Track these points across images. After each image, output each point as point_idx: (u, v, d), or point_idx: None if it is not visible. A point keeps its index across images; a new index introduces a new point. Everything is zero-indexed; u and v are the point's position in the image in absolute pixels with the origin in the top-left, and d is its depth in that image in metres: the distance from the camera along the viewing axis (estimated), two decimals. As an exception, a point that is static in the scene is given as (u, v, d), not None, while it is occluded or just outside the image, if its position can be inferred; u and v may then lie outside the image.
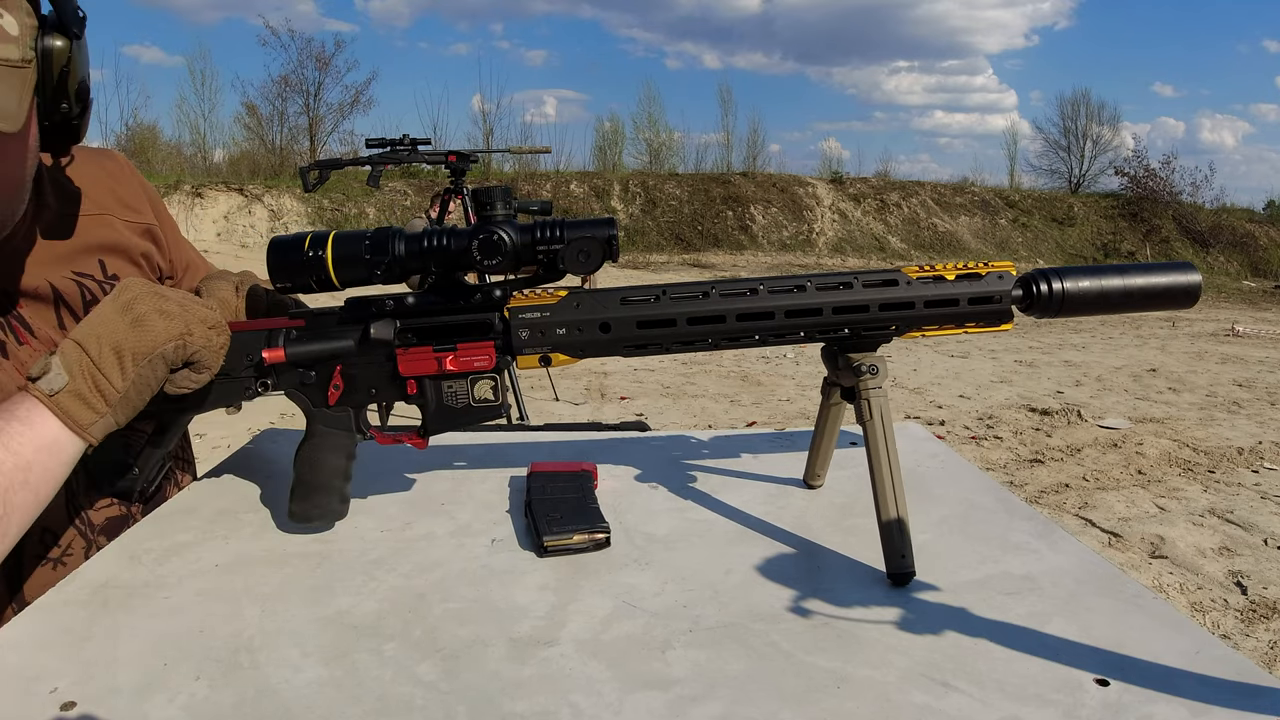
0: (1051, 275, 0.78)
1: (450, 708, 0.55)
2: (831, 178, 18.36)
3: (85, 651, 0.61)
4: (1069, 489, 3.69)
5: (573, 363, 0.81)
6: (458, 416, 0.82)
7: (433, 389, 0.81)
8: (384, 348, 0.80)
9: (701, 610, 0.68)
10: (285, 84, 18.51)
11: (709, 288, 0.79)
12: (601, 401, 5.15)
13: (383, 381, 0.82)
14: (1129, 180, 18.38)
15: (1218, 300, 12.94)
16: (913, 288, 0.78)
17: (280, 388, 0.82)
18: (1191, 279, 0.78)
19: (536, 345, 0.79)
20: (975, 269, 0.79)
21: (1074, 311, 0.79)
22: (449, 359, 0.80)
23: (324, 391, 0.82)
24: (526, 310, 0.79)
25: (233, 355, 0.80)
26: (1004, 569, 0.76)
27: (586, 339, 0.79)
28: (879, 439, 0.75)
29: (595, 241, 0.76)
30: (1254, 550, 3.04)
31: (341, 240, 0.77)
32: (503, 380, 0.82)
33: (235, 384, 0.82)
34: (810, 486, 0.94)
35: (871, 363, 0.78)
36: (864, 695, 0.57)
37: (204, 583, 0.72)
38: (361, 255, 0.77)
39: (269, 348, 0.80)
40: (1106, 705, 0.56)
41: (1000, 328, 0.81)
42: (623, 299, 0.79)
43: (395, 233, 0.77)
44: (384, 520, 0.85)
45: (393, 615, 0.67)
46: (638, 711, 0.55)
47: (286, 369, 0.82)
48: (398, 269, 0.77)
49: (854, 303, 0.78)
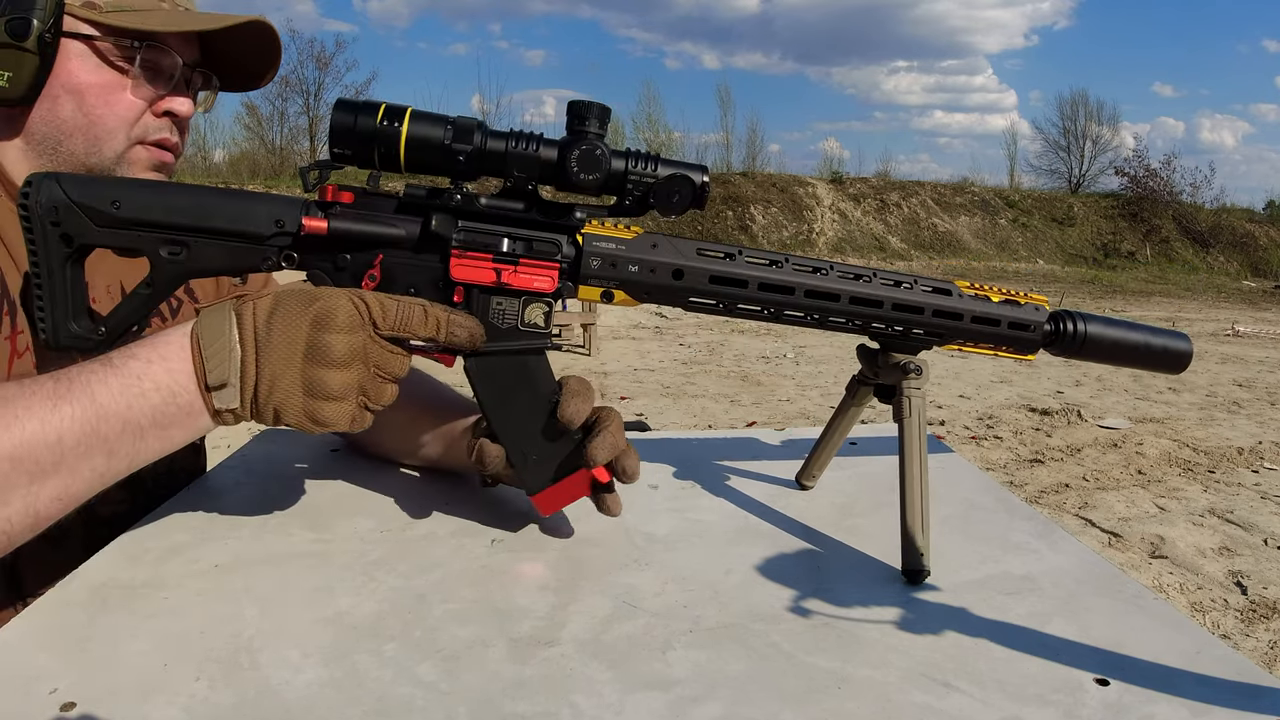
0: (1079, 318, 0.82)
1: (450, 708, 0.55)
2: (831, 178, 18.36)
3: (85, 652, 0.61)
4: (1069, 489, 3.69)
5: (632, 304, 0.78)
6: (501, 337, 0.76)
7: (480, 302, 0.75)
8: (440, 246, 0.74)
9: (702, 610, 0.68)
10: (285, 84, 18.54)
11: (782, 258, 0.78)
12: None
13: (425, 283, 0.75)
14: (1129, 180, 18.40)
15: (1218, 300, 12.94)
16: (964, 301, 0.80)
17: (305, 267, 0.74)
18: (1186, 348, 0.85)
19: (605, 278, 0.76)
20: (1016, 297, 0.81)
21: (1089, 355, 0.83)
22: (508, 272, 0.74)
23: (357, 280, 0.74)
24: (602, 240, 0.75)
25: (259, 217, 0.72)
26: (1004, 569, 0.76)
27: (656, 282, 0.76)
28: (914, 437, 0.76)
29: (689, 183, 0.73)
30: (1254, 550, 3.04)
31: (420, 118, 0.70)
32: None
33: (254, 251, 0.73)
34: (803, 487, 0.94)
35: (917, 363, 0.79)
36: (864, 695, 0.57)
37: (204, 583, 0.72)
38: (440, 139, 0.70)
39: (309, 215, 0.72)
40: (1107, 705, 0.56)
41: (1026, 357, 0.84)
42: (699, 249, 0.77)
43: (480, 123, 0.71)
44: (384, 520, 0.85)
45: (393, 616, 0.67)
46: (638, 712, 0.55)
47: (322, 246, 0.73)
48: (476, 162, 0.71)
49: (913, 303, 0.79)
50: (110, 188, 0.72)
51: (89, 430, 0.62)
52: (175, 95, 0.90)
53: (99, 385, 0.63)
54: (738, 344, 7.59)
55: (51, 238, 0.71)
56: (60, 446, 0.61)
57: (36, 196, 0.70)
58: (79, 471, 0.62)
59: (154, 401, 0.64)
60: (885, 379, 0.82)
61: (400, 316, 0.68)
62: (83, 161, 0.86)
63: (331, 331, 0.66)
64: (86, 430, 0.62)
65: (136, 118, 0.88)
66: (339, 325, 0.66)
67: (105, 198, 0.71)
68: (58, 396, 0.62)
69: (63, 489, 0.62)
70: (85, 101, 0.84)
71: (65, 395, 0.62)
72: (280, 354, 0.66)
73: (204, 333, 0.66)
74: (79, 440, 0.61)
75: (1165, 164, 18.44)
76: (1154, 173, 18.17)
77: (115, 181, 0.76)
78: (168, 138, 0.91)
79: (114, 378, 0.64)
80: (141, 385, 0.64)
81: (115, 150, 0.87)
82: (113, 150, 0.87)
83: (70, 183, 0.71)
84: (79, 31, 0.83)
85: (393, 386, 0.71)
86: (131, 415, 0.63)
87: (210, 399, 0.66)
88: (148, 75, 0.87)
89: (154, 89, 0.88)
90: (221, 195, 0.76)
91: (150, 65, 0.87)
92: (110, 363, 0.65)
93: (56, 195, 0.71)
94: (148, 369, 0.65)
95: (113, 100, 0.86)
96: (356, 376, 0.68)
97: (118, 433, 0.63)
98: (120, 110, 0.86)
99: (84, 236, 0.71)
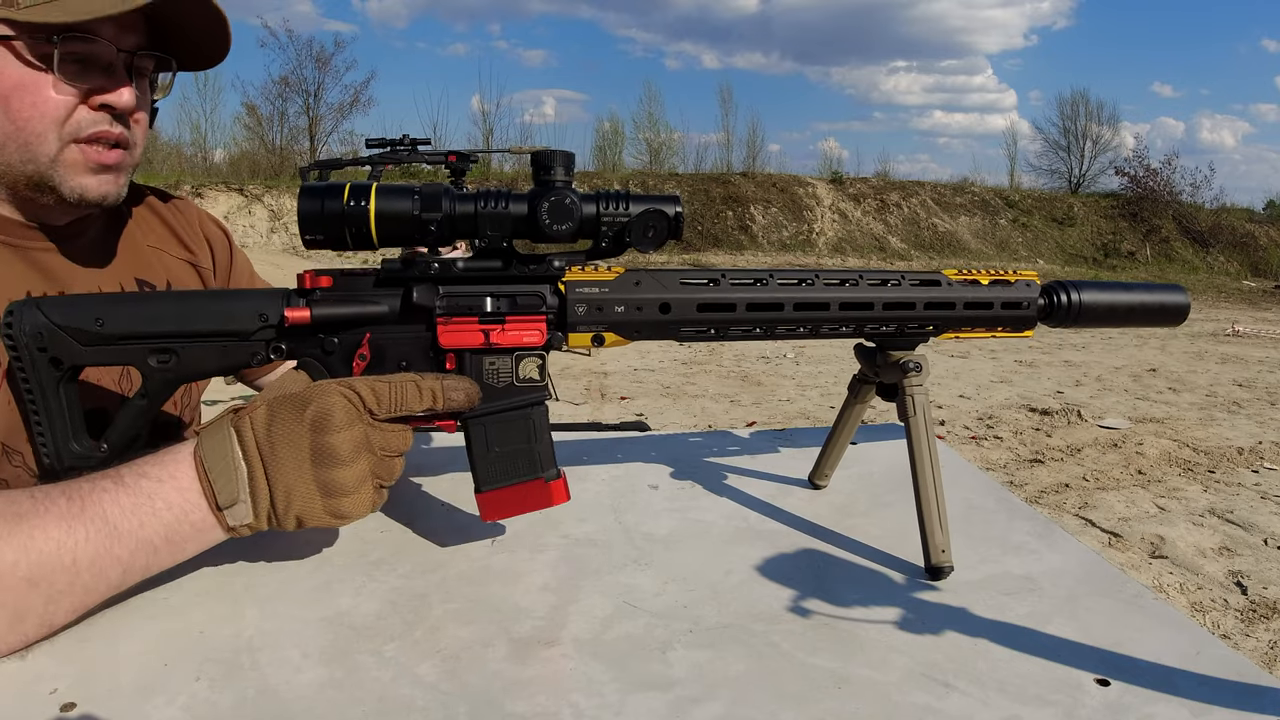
0: (1070, 287, 0.81)
1: (451, 708, 0.55)
2: (831, 178, 18.35)
3: (85, 652, 0.61)
4: (1069, 489, 3.69)
5: (623, 344, 0.78)
6: (499, 395, 0.75)
7: (473, 365, 0.75)
8: (424, 316, 0.74)
9: (702, 610, 0.68)
10: (285, 84, 18.54)
11: (766, 275, 0.78)
12: (601, 401, 5.15)
13: (417, 354, 0.75)
14: (1129, 180, 18.38)
15: (1218, 300, 12.94)
16: (954, 289, 0.80)
17: (295, 355, 0.74)
18: (1182, 299, 0.85)
19: (592, 323, 0.76)
20: (1005, 276, 0.81)
21: (1086, 323, 0.83)
22: (496, 332, 0.74)
23: (348, 363, 0.74)
24: (585, 285, 0.75)
25: (243, 314, 0.73)
26: (1004, 569, 0.76)
27: (645, 318, 0.76)
28: (921, 435, 0.76)
29: (664, 217, 0.73)
30: (1254, 550, 3.04)
31: (386, 192, 0.70)
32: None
33: (242, 348, 0.73)
34: (816, 486, 0.95)
35: (916, 360, 0.79)
36: (865, 695, 0.57)
37: (204, 583, 0.72)
38: (409, 211, 0.70)
39: (291, 306, 0.72)
40: (1107, 705, 0.56)
41: (1024, 334, 0.84)
42: (682, 280, 0.76)
43: (445, 189, 0.71)
44: (384, 520, 0.85)
45: (393, 616, 0.67)
46: (639, 712, 0.55)
47: (308, 333, 0.73)
48: (447, 228, 0.71)
49: (904, 299, 0.79)
50: (92, 305, 0.72)
51: (103, 551, 0.62)
52: (112, 86, 0.81)
53: (111, 505, 0.63)
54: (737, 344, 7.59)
55: (40, 363, 0.71)
56: (75, 568, 0.61)
57: (20, 325, 0.70)
58: (94, 589, 0.63)
59: (166, 520, 0.64)
60: (886, 378, 0.82)
61: (394, 399, 0.69)
62: (21, 172, 0.81)
63: (331, 432, 0.66)
64: (100, 551, 0.62)
65: (65, 115, 0.80)
66: (338, 424, 0.66)
67: (88, 316, 0.71)
68: (71, 517, 0.61)
69: (78, 604, 0.63)
70: (10, 106, 0.78)
71: (79, 516, 0.62)
72: (289, 465, 0.66)
73: (207, 455, 0.65)
74: (93, 561, 0.62)
75: (1165, 164, 18.44)
76: (1154, 173, 18.16)
77: (97, 299, 0.74)
78: (106, 130, 0.82)
79: (126, 496, 0.64)
80: (154, 504, 0.64)
81: (48, 154, 0.80)
82: (45, 154, 0.80)
83: (51, 306, 0.71)
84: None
85: (400, 460, 0.71)
86: (144, 533, 0.64)
87: (223, 517, 0.66)
88: (77, 69, 0.79)
89: (85, 83, 0.80)
90: (203, 298, 0.77)
91: (77, 57, 0.79)
92: (121, 480, 0.64)
93: (39, 321, 0.70)
94: (159, 488, 0.65)
95: (38, 100, 0.78)
96: (366, 466, 0.68)
97: (131, 551, 0.63)
98: (46, 110, 0.79)
99: (73, 358, 0.71)
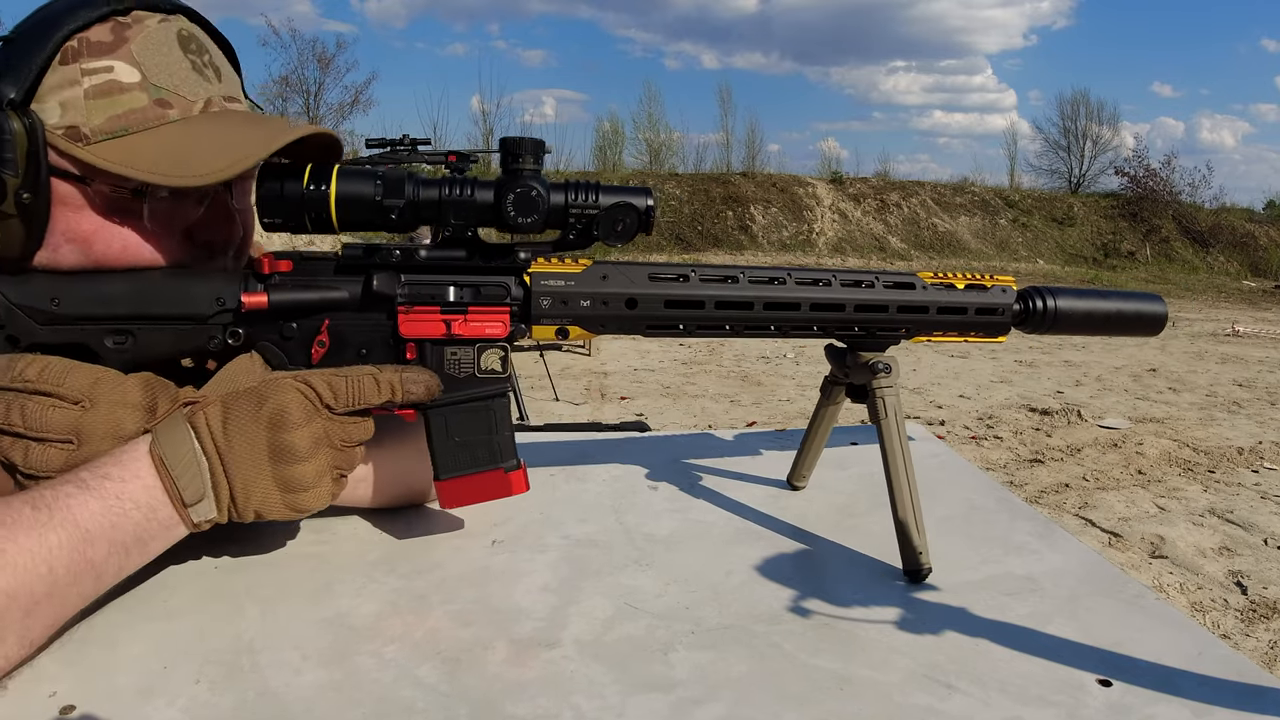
0: (1047, 293, 0.81)
1: (451, 710, 0.55)
2: (831, 178, 18.36)
3: (84, 654, 0.61)
4: (1069, 489, 3.69)
5: (588, 337, 0.77)
6: (459, 386, 0.75)
7: (434, 355, 0.74)
8: (385, 304, 0.73)
9: (703, 611, 0.68)
10: (286, 84, 18.55)
11: (737, 273, 0.77)
12: (601, 401, 5.14)
13: (377, 342, 0.74)
14: (1129, 180, 18.39)
15: (1218, 300, 12.94)
16: (928, 292, 0.79)
17: (252, 340, 0.72)
18: (1160, 309, 0.84)
19: (557, 316, 0.75)
20: (981, 280, 0.81)
21: (1063, 329, 0.82)
22: (458, 323, 0.73)
23: (306, 349, 0.73)
24: (550, 277, 0.74)
25: (199, 298, 0.70)
26: (1005, 569, 0.76)
27: (610, 313, 0.75)
28: (893, 437, 0.76)
29: (634, 210, 0.72)
30: (1254, 550, 3.04)
31: (348, 175, 0.69)
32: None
33: (199, 331, 0.71)
34: (794, 488, 0.94)
35: (885, 362, 0.78)
36: (866, 696, 0.57)
37: (204, 584, 0.72)
38: (371, 196, 0.69)
39: (248, 291, 0.70)
40: (1109, 706, 0.56)
41: (997, 339, 0.83)
42: (650, 275, 0.76)
43: (409, 174, 0.70)
44: (384, 521, 0.85)
45: (393, 617, 0.67)
46: (640, 714, 0.55)
47: (266, 319, 0.72)
48: (410, 215, 0.70)
49: (875, 301, 0.78)
50: (47, 284, 0.70)
51: (77, 556, 0.61)
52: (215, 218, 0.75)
53: (80, 509, 0.61)
54: (737, 344, 7.59)
55: None
56: (52, 577, 0.59)
57: None
58: (69, 599, 0.61)
59: (135, 519, 0.64)
60: (855, 379, 0.81)
61: (351, 393, 0.68)
62: None
63: (289, 430, 0.66)
64: (75, 557, 0.60)
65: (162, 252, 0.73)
66: (294, 421, 0.66)
67: (44, 295, 0.69)
68: (40, 525, 0.60)
69: (55, 617, 0.61)
70: (92, 250, 0.71)
71: (48, 523, 0.60)
72: (246, 461, 0.66)
73: (166, 452, 0.64)
74: (68, 568, 0.60)
75: (1165, 164, 18.46)
76: (1154, 173, 18.17)
77: (51, 277, 0.71)
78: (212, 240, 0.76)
79: (93, 500, 0.62)
80: (122, 505, 0.63)
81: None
82: None
83: (7, 284, 0.70)
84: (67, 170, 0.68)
85: (360, 449, 0.71)
86: (116, 535, 0.63)
87: (188, 514, 0.65)
88: (169, 206, 0.72)
89: (183, 219, 0.74)
90: (160, 278, 0.73)
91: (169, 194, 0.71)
92: (85, 484, 0.63)
93: None
94: (124, 488, 0.63)
95: (128, 244, 0.71)
96: (325, 460, 0.68)
97: (104, 555, 0.62)
98: (140, 254, 0.72)
99: (30, 336, 0.70)
